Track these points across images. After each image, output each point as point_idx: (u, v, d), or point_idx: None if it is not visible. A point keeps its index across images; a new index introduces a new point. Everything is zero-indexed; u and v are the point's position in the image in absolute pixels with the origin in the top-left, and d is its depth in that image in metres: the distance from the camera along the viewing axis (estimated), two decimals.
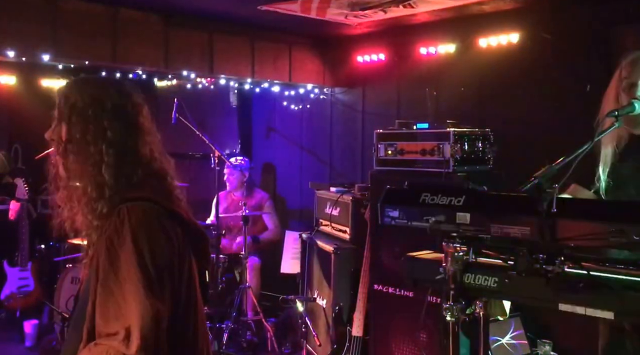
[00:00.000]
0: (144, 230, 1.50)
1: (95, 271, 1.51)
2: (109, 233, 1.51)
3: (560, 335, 3.53)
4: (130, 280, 1.45)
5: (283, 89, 5.79)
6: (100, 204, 1.56)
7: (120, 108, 1.61)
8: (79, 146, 1.58)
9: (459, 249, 1.88)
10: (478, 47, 4.39)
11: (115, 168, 1.57)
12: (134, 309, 1.43)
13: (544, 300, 1.74)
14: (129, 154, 1.60)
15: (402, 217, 2.03)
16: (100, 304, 1.47)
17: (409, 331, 3.61)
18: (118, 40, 4.31)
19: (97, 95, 1.60)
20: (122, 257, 1.47)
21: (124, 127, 1.60)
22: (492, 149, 3.75)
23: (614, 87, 2.38)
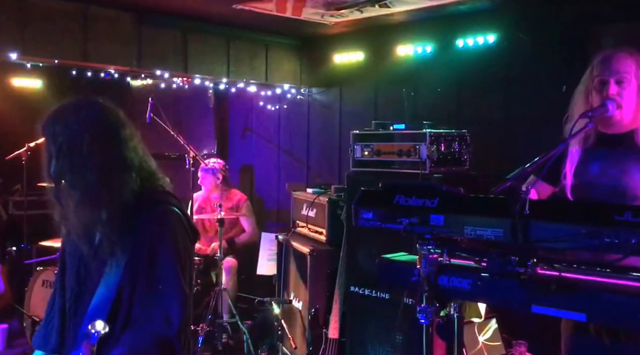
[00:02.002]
0: (176, 230, 1.75)
1: (126, 266, 1.70)
2: (147, 234, 1.72)
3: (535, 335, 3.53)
4: (168, 272, 1.69)
5: (260, 89, 5.74)
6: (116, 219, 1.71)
7: (103, 132, 1.75)
8: (73, 177, 1.71)
9: (433, 251, 1.86)
10: (455, 47, 4.40)
11: (120, 182, 1.73)
12: (172, 299, 1.67)
13: (517, 303, 1.73)
14: (123, 167, 1.75)
15: (376, 219, 2.00)
16: (140, 293, 1.68)
17: (385, 333, 3.59)
18: (88, 38, 4.23)
19: (77, 128, 1.73)
20: (160, 253, 1.70)
21: (109, 146, 1.74)
22: (469, 150, 3.75)
23: (585, 85, 2.38)
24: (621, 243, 1.49)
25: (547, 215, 1.65)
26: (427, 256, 1.86)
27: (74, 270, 1.85)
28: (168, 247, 1.73)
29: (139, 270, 1.71)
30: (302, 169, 5.80)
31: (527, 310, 1.69)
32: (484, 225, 1.73)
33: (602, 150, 2.33)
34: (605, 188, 2.29)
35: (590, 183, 2.32)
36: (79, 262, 1.84)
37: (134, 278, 1.71)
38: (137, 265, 1.71)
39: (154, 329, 1.65)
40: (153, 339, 1.65)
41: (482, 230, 1.74)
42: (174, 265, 1.72)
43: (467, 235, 1.78)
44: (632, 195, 2.24)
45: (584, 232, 1.53)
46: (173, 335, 1.66)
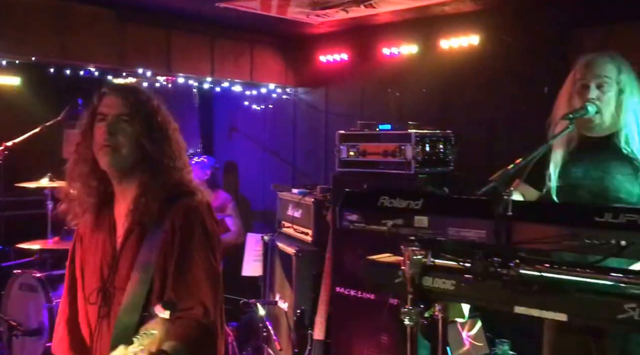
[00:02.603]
0: (205, 218, 1.76)
1: (158, 256, 1.70)
2: (178, 224, 1.72)
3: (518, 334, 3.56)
4: (200, 260, 1.70)
5: (245, 88, 5.72)
6: (158, 191, 1.75)
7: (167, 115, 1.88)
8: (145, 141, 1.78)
9: (417, 252, 1.87)
10: (440, 48, 4.42)
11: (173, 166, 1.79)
12: (207, 287, 1.69)
13: (500, 303, 1.74)
14: (175, 152, 1.82)
15: (360, 220, 2.01)
16: (175, 283, 1.68)
17: (371, 334, 3.60)
18: (68, 35, 4.13)
19: (153, 103, 1.84)
20: (194, 244, 1.71)
21: (170, 129, 1.85)
22: (454, 150, 3.77)
23: (567, 89, 2.41)
24: (601, 244, 1.51)
25: (529, 216, 1.67)
26: (411, 257, 1.87)
27: (96, 270, 1.82)
28: (200, 237, 1.73)
29: (171, 260, 1.71)
30: (288, 169, 5.79)
31: (510, 311, 1.71)
32: (467, 226, 1.75)
33: (585, 153, 2.36)
34: (588, 190, 2.32)
35: (574, 185, 2.35)
36: (100, 261, 1.82)
37: (166, 268, 1.71)
38: (168, 255, 1.72)
39: (195, 319, 1.66)
40: (195, 327, 1.66)
41: (466, 231, 1.75)
42: (207, 254, 1.73)
43: (451, 237, 1.79)
44: (614, 197, 2.27)
45: (565, 234, 1.55)
46: (211, 322, 1.69)
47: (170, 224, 1.73)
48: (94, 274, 1.83)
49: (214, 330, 1.71)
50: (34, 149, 4.79)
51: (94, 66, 4.56)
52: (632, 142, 2.27)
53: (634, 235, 1.48)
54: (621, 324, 1.52)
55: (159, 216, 1.74)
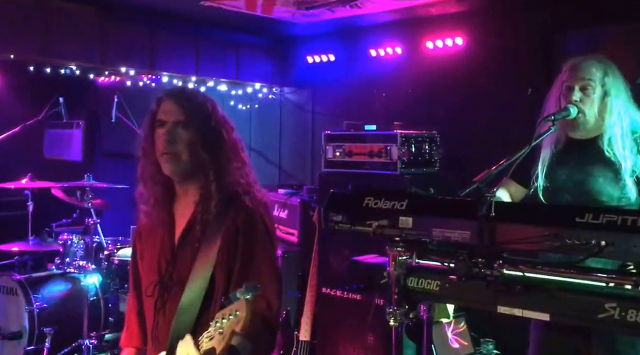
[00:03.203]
0: (266, 215, 1.84)
1: (219, 253, 1.75)
2: (242, 222, 1.78)
3: (503, 334, 3.59)
4: (264, 256, 1.78)
5: (230, 88, 5.70)
6: (220, 192, 1.81)
7: (224, 118, 1.91)
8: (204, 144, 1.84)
9: (402, 253, 1.88)
10: (425, 49, 4.44)
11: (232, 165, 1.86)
12: (270, 282, 1.75)
13: (484, 303, 1.75)
14: (234, 152, 1.88)
15: (345, 221, 2.00)
16: (239, 279, 1.73)
17: (357, 334, 3.60)
18: (49, 33, 4.09)
19: (209, 107, 1.87)
20: (257, 241, 1.78)
21: (228, 131, 1.90)
22: (439, 151, 3.79)
23: (555, 91, 2.43)
24: (582, 244, 1.52)
25: (512, 217, 1.68)
26: (396, 258, 1.88)
27: (153, 265, 1.88)
28: (262, 234, 1.80)
29: (234, 257, 1.76)
30: (274, 169, 5.78)
31: (494, 311, 1.72)
32: (451, 227, 1.75)
33: (570, 155, 2.39)
34: (572, 191, 2.34)
35: (559, 186, 2.37)
36: (159, 260, 1.87)
37: (230, 265, 1.76)
38: (231, 252, 1.77)
39: (258, 312, 1.68)
40: (259, 322, 1.69)
41: (450, 232, 1.76)
42: (270, 251, 1.81)
43: (436, 237, 1.80)
44: (596, 200, 2.30)
45: (547, 234, 1.56)
46: (273, 316, 1.75)
47: (233, 223, 1.79)
48: (151, 269, 1.89)
49: (275, 324, 1.77)
50: (14, 148, 4.74)
51: (75, 65, 4.51)
52: (614, 146, 2.29)
53: (614, 236, 1.50)
54: (602, 323, 1.54)
55: (220, 215, 1.79)
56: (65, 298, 4.19)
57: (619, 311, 1.50)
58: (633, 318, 1.48)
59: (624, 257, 1.55)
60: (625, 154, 2.27)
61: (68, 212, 5.21)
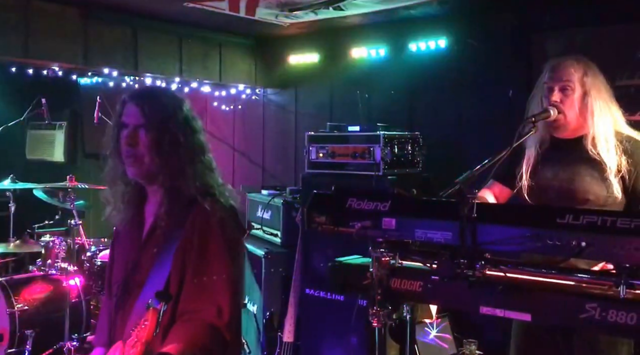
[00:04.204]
0: (226, 222, 1.78)
1: (175, 256, 1.73)
2: (199, 225, 1.74)
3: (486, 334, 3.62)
4: (218, 264, 1.72)
5: (214, 89, 5.68)
6: (180, 195, 1.79)
7: (185, 118, 1.88)
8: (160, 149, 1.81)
9: (385, 254, 1.88)
10: (408, 50, 4.46)
11: (192, 169, 1.82)
12: (223, 290, 1.70)
13: (466, 304, 1.77)
14: (196, 154, 1.85)
15: (328, 222, 2.00)
16: (190, 284, 1.71)
17: (340, 335, 3.60)
18: (30, 33, 4.04)
19: (169, 108, 1.85)
20: (210, 244, 1.73)
21: (190, 132, 1.86)
22: (422, 152, 3.81)
23: (537, 92, 2.45)
24: (563, 245, 1.54)
25: (494, 218, 1.69)
26: (379, 259, 1.88)
27: (122, 265, 1.89)
28: (218, 239, 1.75)
29: (188, 261, 1.74)
30: (257, 170, 5.76)
31: (476, 312, 1.73)
32: (434, 228, 1.76)
33: (555, 154, 2.41)
34: (557, 191, 2.36)
35: (544, 186, 2.39)
36: (126, 258, 1.88)
37: (183, 269, 1.74)
38: (185, 256, 1.75)
39: (205, 320, 1.67)
40: (205, 330, 1.66)
41: (432, 233, 1.76)
42: (224, 257, 1.75)
43: (418, 238, 1.81)
44: (582, 198, 2.31)
45: (529, 235, 1.57)
46: (224, 325, 1.69)
47: (190, 226, 1.77)
48: (119, 269, 1.91)
49: (225, 333, 1.71)
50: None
51: (57, 65, 4.46)
52: (599, 145, 2.31)
53: (594, 236, 1.52)
54: (583, 323, 1.56)
55: (181, 218, 1.78)
56: (47, 300, 4.13)
57: (600, 311, 1.52)
58: (613, 318, 1.50)
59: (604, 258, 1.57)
60: (609, 154, 2.29)
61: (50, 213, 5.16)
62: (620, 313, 1.49)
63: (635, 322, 1.48)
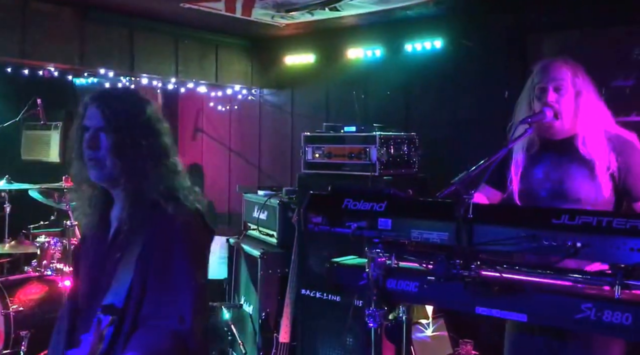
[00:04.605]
0: (191, 227, 1.75)
1: (137, 262, 1.70)
2: (162, 230, 1.71)
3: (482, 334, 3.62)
4: (181, 269, 1.69)
5: (210, 89, 5.67)
6: (142, 199, 1.75)
7: (150, 120, 1.82)
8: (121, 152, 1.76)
9: (381, 255, 1.88)
10: (404, 51, 4.46)
11: (156, 171, 1.78)
12: (186, 296, 1.67)
13: (462, 304, 1.77)
14: (161, 157, 1.80)
15: (324, 223, 2.01)
16: (153, 290, 1.68)
17: (337, 336, 3.60)
18: (27, 34, 4.03)
19: (132, 110, 1.81)
20: (174, 249, 1.70)
21: (154, 135, 1.81)
22: (418, 152, 3.81)
23: (527, 94, 2.45)
24: (559, 245, 1.54)
25: (490, 219, 1.69)
26: (375, 259, 1.88)
27: (87, 270, 1.86)
28: (182, 243, 1.73)
29: (151, 266, 1.71)
30: (254, 170, 5.76)
31: (472, 312, 1.73)
32: (430, 228, 1.77)
33: (545, 155, 2.41)
34: (549, 192, 2.36)
35: (535, 188, 2.39)
36: (91, 262, 1.85)
37: (145, 275, 1.71)
38: (149, 261, 1.72)
39: (168, 327, 1.65)
40: (167, 337, 1.64)
41: (428, 233, 1.77)
42: (188, 262, 1.72)
43: (414, 239, 1.81)
44: (574, 198, 2.32)
45: (524, 235, 1.58)
46: (187, 332, 1.66)
47: (154, 230, 1.74)
48: (85, 274, 1.87)
49: (188, 340, 1.67)
50: None
51: (53, 66, 4.45)
52: (588, 144, 2.32)
53: (590, 237, 1.52)
54: (578, 324, 1.56)
55: (144, 222, 1.75)
56: (42, 301, 4.12)
57: (595, 312, 1.53)
58: (609, 319, 1.51)
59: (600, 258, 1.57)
60: (599, 152, 2.30)
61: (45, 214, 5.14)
62: (615, 313, 1.50)
63: (630, 322, 1.48)
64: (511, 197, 2.44)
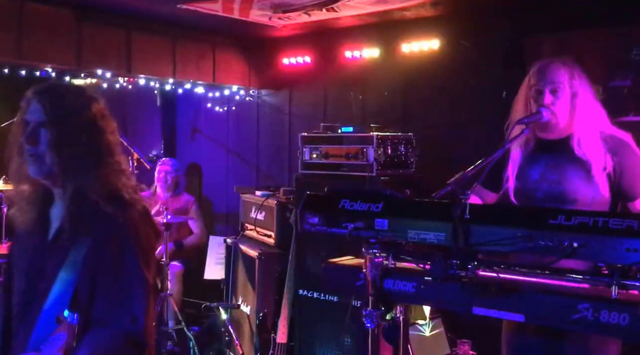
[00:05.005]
0: (138, 226, 1.71)
1: (84, 263, 1.65)
2: (109, 231, 1.67)
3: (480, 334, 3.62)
4: (131, 269, 1.67)
5: (208, 90, 5.67)
6: (84, 198, 1.70)
7: (92, 117, 1.76)
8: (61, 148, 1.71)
9: (378, 255, 1.88)
10: (401, 52, 4.46)
11: (97, 170, 1.73)
12: (137, 297, 1.65)
13: (459, 305, 1.77)
14: (103, 155, 1.75)
15: (321, 223, 2.01)
16: (103, 292, 1.65)
17: (334, 336, 3.60)
18: (23, 35, 4.03)
19: (72, 106, 1.75)
20: (123, 250, 1.67)
21: (97, 132, 1.76)
22: (415, 153, 3.81)
23: (523, 94, 2.46)
24: (555, 245, 1.54)
25: (487, 219, 1.69)
26: (372, 260, 1.88)
27: (23, 272, 1.78)
28: (129, 244, 1.69)
29: (99, 268, 1.67)
30: (252, 171, 5.76)
31: (469, 312, 1.73)
32: (426, 229, 1.77)
33: (541, 155, 2.42)
34: (545, 192, 2.37)
35: (531, 188, 2.40)
36: (29, 263, 1.77)
37: (93, 276, 1.66)
38: (95, 263, 1.67)
39: (120, 328, 1.63)
40: (120, 338, 1.62)
41: (425, 234, 1.77)
42: (138, 262, 1.69)
43: (411, 239, 1.81)
44: (571, 199, 2.32)
45: (521, 236, 1.58)
46: (140, 332, 1.65)
47: (101, 231, 1.68)
48: (20, 275, 1.79)
49: (142, 340, 1.66)
50: None
51: (50, 67, 4.45)
52: (584, 145, 2.33)
53: (586, 237, 1.52)
54: (576, 324, 1.56)
55: (88, 223, 1.70)
56: None
57: (592, 312, 1.53)
58: (606, 319, 1.51)
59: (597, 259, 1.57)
60: (594, 152, 2.31)
61: None
62: (612, 313, 1.50)
63: (627, 322, 1.48)
64: (507, 195, 2.45)
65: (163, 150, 6.25)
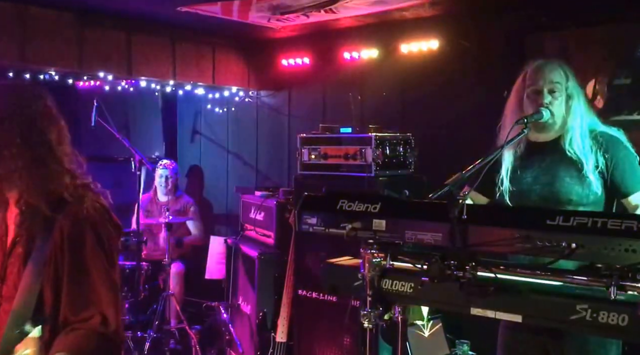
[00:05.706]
0: (98, 225, 1.67)
1: (46, 266, 1.62)
2: (67, 231, 1.63)
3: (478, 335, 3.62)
4: (95, 269, 1.64)
5: (207, 91, 5.68)
6: (34, 200, 1.66)
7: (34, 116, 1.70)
8: None
9: (376, 255, 1.88)
10: (400, 52, 4.46)
11: (45, 171, 1.68)
12: (105, 295, 1.63)
13: (457, 305, 1.77)
14: (49, 156, 1.69)
15: (319, 223, 2.01)
16: (69, 294, 1.62)
17: (333, 336, 3.61)
18: (27, 39, 4.07)
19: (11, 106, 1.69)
20: (85, 250, 1.63)
21: (39, 133, 1.69)
22: (413, 153, 3.81)
23: (517, 94, 2.46)
24: (553, 246, 1.54)
25: (484, 220, 1.69)
26: (370, 260, 1.88)
27: None
28: (90, 244, 1.65)
29: (62, 271, 1.64)
30: (252, 172, 5.76)
31: (467, 312, 1.73)
32: (424, 229, 1.77)
33: (533, 158, 2.42)
34: (539, 194, 2.37)
35: (525, 190, 2.40)
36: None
37: (57, 280, 1.64)
38: (58, 266, 1.64)
39: (90, 329, 1.60)
40: (91, 339, 1.60)
41: (423, 234, 1.77)
42: (101, 261, 1.66)
43: (408, 240, 1.81)
44: (565, 199, 2.33)
45: (518, 236, 1.58)
46: (112, 332, 1.63)
47: (59, 233, 1.64)
48: None
49: (114, 339, 1.65)
50: None
51: (54, 70, 4.49)
52: (575, 144, 2.34)
53: (584, 238, 1.52)
54: (574, 324, 1.56)
55: (47, 225, 1.65)
56: None
57: (591, 312, 1.52)
58: (604, 319, 1.50)
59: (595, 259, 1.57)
60: (586, 152, 2.32)
61: None
62: (611, 314, 1.50)
63: (626, 323, 1.48)
64: (502, 198, 2.45)
65: (165, 151, 6.26)
